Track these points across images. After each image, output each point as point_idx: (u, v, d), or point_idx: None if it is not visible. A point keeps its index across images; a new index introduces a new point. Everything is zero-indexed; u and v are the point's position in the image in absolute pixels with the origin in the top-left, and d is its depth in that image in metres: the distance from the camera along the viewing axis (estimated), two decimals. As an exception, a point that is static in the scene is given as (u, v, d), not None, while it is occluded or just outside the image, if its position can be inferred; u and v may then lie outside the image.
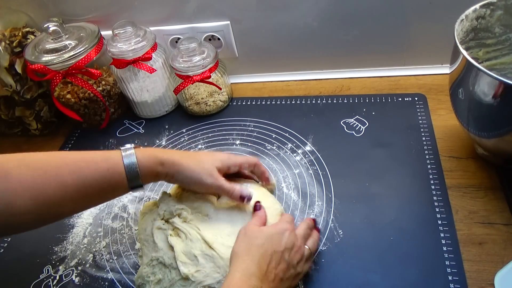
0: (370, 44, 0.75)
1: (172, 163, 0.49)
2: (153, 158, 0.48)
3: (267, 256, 0.43)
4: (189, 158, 0.50)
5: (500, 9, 0.54)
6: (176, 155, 0.50)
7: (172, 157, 0.49)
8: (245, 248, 0.44)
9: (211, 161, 0.51)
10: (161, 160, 0.48)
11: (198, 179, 0.50)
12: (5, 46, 0.72)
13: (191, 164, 0.50)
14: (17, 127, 0.81)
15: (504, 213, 0.53)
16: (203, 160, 0.51)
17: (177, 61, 0.71)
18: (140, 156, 0.47)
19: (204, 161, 0.51)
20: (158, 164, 0.48)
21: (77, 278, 0.56)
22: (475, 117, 0.52)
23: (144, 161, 0.47)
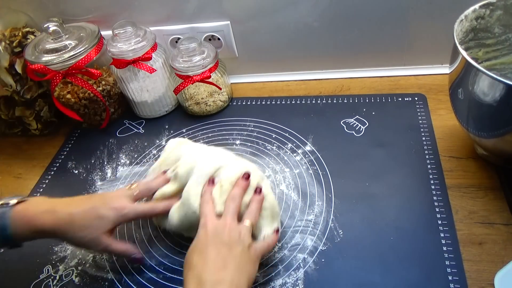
0: (370, 44, 0.75)
1: (56, 227, 0.47)
2: (28, 222, 0.47)
3: (208, 255, 0.43)
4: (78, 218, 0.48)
5: (500, 9, 0.54)
6: (65, 215, 0.47)
7: (59, 220, 0.47)
8: (200, 248, 0.44)
9: (99, 222, 0.48)
10: (42, 230, 0.47)
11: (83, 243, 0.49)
12: (5, 46, 0.72)
13: (76, 226, 0.47)
14: (17, 127, 0.81)
15: (504, 213, 0.53)
16: (94, 216, 0.48)
17: (177, 61, 0.71)
18: (15, 218, 0.46)
19: (95, 218, 0.48)
20: (33, 232, 0.47)
21: (77, 278, 0.56)
22: (474, 117, 0.52)
23: (17, 224, 0.46)
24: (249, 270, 0.43)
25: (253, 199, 0.50)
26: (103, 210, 0.48)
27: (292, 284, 0.50)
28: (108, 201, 0.50)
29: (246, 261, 0.43)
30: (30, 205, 0.48)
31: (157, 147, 0.73)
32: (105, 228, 0.48)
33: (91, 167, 0.72)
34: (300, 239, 0.55)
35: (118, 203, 0.50)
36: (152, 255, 0.57)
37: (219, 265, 0.41)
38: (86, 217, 0.48)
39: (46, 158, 0.77)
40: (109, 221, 0.48)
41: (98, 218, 0.48)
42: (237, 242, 0.44)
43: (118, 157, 0.73)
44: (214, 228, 0.45)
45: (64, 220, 0.47)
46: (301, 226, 0.56)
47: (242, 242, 0.44)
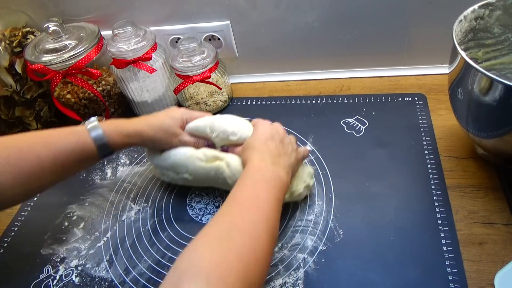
0: (370, 44, 0.75)
1: (137, 134, 0.55)
2: (119, 131, 0.54)
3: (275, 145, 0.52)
4: (152, 125, 0.56)
5: (499, 10, 0.54)
6: (140, 124, 0.56)
7: (136, 128, 0.55)
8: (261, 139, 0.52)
9: (173, 121, 0.58)
10: (127, 133, 0.54)
11: (164, 143, 0.58)
12: (5, 46, 0.72)
13: (155, 130, 0.56)
14: (17, 127, 0.81)
15: (504, 213, 0.53)
16: (165, 123, 0.57)
17: (177, 61, 0.71)
18: (106, 129, 0.52)
19: (166, 123, 0.57)
20: (125, 136, 0.54)
21: (77, 278, 0.56)
22: (474, 117, 0.52)
23: (111, 133, 0.53)
24: (294, 165, 0.53)
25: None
26: (171, 111, 0.59)
27: (292, 284, 0.50)
28: (174, 108, 0.61)
29: (293, 158, 0.53)
30: (111, 120, 0.55)
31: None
32: (176, 122, 0.58)
33: (91, 167, 0.72)
34: (300, 239, 0.55)
35: (181, 108, 0.60)
36: (150, 254, 0.57)
37: (276, 154, 0.50)
38: (160, 119, 0.57)
39: (46, 158, 0.77)
40: (178, 118, 0.58)
41: (169, 118, 0.58)
42: (288, 143, 0.54)
43: (118, 157, 0.73)
44: (272, 127, 0.54)
45: (144, 125, 0.56)
46: (301, 226, 0.56)
47: (291, 144, 0.54)
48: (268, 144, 0.51)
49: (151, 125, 0.56)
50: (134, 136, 0.55)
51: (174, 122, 0.57)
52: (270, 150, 0.50)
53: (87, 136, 0.51)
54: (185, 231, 0.59)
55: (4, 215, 0.67)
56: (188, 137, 0.58)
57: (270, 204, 0.43)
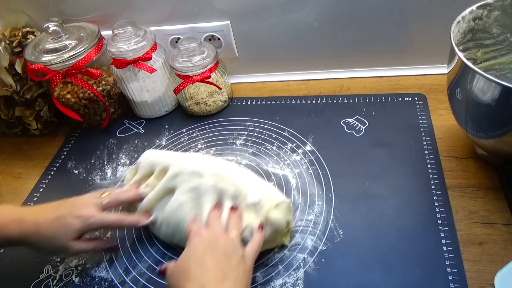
0: (370, 44, 0.75)
1: (24, 237, 0.48)
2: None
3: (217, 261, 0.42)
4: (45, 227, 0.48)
5: (497, 10, 0.54)
6: (32, 225, 0.48)
7: (27, 229, 0.48)
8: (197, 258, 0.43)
9: (63, 232, 0.49)
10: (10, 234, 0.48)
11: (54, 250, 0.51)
12: (5, 46, 0.72)
13: (44, 235, 0.48)
14: (17, 127, 0.81)
15: (504, 213, 0.53)
16: (54, 236, 0.49)
17: (177, 61, 0.71)
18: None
19: (56, 236, 0.49)
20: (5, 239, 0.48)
21: (77, 278, 0.56)
22: (472, 117, 0.52)
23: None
24: (246, 280, 0.43)
25: (231, 216, 0.50)
26: (69, 219, 0.49)
27: (292, 284, 0.50)
28: (76, 210, 0.50)
29: (243, 271, 0.43)
30: (12, 209, 0.50)
31: (157, 147, 0.73)
32: (71, 236, 0.49)
33: (91, 167, 0.72)
34: (300, 239, 0.55)
35: (85, 211, 0.50)
36: (150, 254, 0.57)
37: (220, 276, 0.40)
38: (52, 227, 0.48)
39: (46, 158, 0.77)
40: (75, 230, 0.49)
41: (64, 227, 0.48)
42: (232, 251, 0.44)
43: (118, 157, 0.73)
44: (209, 236, 0.45)
45: (31, 231, 0.48)
46: (301, 226, 0.56)
47: (236, 251, 0.44)
48: (206, 263, 0.41)
49: (39, 232, 0.48)
50: (16, 240, 0.48)
51: (69, 234, 0.49)
52: (212, 273, 0.40)
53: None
54: (185, 231, 0.59)
55: (4, 215, 0.68)
56: (83, 246, 0.51)
57: None
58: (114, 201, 0.54)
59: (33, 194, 0.70)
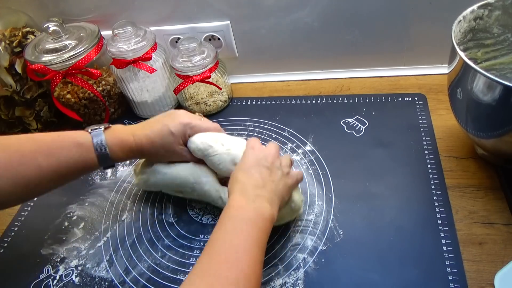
0: (370, 44, 0.75)
1: (138, 150, 0.55)
2: (123, 146, 0.53)
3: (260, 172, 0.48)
4: (153, 142, 0.55)
5: (498, 10, 0.54)
6: (142, 139, 0.54)
7: (138, 143, 0.54)
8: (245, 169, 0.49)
9: (173, 138, 0.55)
10: (129, 148, 0.54)
11: (164, 159, 0.58)
12: (5, 46, 0.72)
13: (157, 147, 0.55)
14: (17, 127, 0.81)
15: (504, 213, 0.53)
16: (166, 141, 0.55)
17: (177, 61, 0.71)
18: (110, 144, 0.52)
19: (167, 141, 0.55)
20: (127, 151, 0.54)
21: (77, 278, 0.56)
22: (473, 117, 0.52)
23: (114, 147, 0.53)
24: (283, 193, 0.49)
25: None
26: (174, 127, 0.55)
27: (292, 284, 0.50)
28: (177, 117, 0.56)
29: (283, 185, 0.49)
30: (116, 129, 0.55)
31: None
32: (177, 140, 0.55)
33: (91, 167, 0.72)
34: (300, 239, 0.55)
35: (185, 118, 0.56)
36: (150, 254, 0.57)
37: (260, 184, 0.47)
38: (160, 135, 0.55)
39: (46, 158, 0.77)
40: (180, 135, 0.55)
41: (171, 134, 0.55)
42: (277, 168, 0.50)
43: (118, 157, 0.73)
44: (259, 152, 0.51)
45: (142, 142, 0.54)
46: (301, 226, 0.56)
47: (281, 169, 0.50)
48: (252, 172, 0.48)
49: (152, 142, 0.55)
50: (136, 151, 0.55)
51: (175, 139, 0.56)
52: (254, 180, 0.47)
53: (92, 151, 0.51)
54: (185, 230, 0.59)
55: (4, 215, 0.67)
56: (189, 156, 0.57)
57: (251, 254, 0.41)
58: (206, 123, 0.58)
59: (33, 194, 0.70)
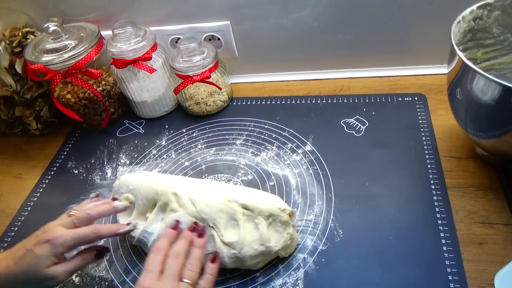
0: (370, 44, 0.75)
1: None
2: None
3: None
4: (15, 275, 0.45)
5: (497, 10, 0.54)
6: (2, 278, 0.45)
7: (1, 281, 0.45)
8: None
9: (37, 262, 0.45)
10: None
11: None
12: (5, 46, 0.72)
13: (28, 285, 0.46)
14: (17, 127, 0.81)
15: (504, 213, 0.53)
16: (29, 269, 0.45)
17: (177, 61, 0.71)
18: None
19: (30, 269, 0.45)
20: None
21: (77, 278, 0.56)
22: (472, 117, 0.52)
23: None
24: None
25: (207, 269, 0.47)
26: (38, 249, 0.45)
27: (292, 284, 0.50)
28: (43, 236, 0.46)
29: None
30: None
31: (157, 147, 0.73)
32: (46, 264, 0.45)
33: (91, 167, 0.72)
34: (300, 239, 0.55)
35: (52, 234, 0.46)
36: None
37: None
38: (24, 263, 0.45)
39: (46, 158, 0.77)
40: (47, 256, 0.45)
41: (35, 258, 0.45)
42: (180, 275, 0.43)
43: (118, 157, 0.73)
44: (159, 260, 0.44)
45: (6, 275, 0.46)
46: (301, 226, 0.56)
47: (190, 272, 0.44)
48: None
49: (13, 275, 0.45)
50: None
51: (40, 264, 0.45)
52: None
53: None
54: (185, 231, 0.59)
55: (4, 215, 0.68)
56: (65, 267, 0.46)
57: None
58: (85, 217, 0.49)
59: (33, 194, 0.70)
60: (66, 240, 0.46)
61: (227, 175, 0.65)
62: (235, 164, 0.67)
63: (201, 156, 0.70)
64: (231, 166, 0.67)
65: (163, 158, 0.71)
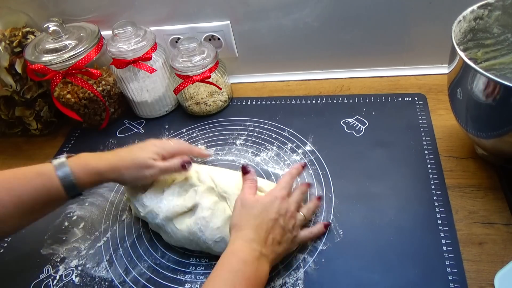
0: (370, 44, 0.75)
1: (109, 171, 0.51)
2: (89, 169, 0.50)
3: (264, 224, 0.47)
4: (125, 160, 0.53)
5: (498, 10, 0.54)
6: (111, 160, 0.52)
7: (108, 165, 0.51)
8: (243, 219, 0.48)
9: (145, 153, 0.54)
10: (97, 171, 0.51)
11: (139, 177, 0.53)
12: (5, 46, 0.72)
13: (128, 165, 0.52)
14: (17, 127, 0.81)
15: (504, 213, 0.53)
16: (137, 157, 0.53)
17: (177, 61, 0.71)
18: (74, 168, 0.49)
19: (139, 157, 0.53)
20: (94, 174, 0.51)
21: (77, 278, 0.56)
22: (473, 117, 0.52)
23: (80, 173, 0.50)
24: (283, 254, 0.49)
25: (313, 200, 0.56)
26: (144, 146, 0.55)
27: (292, 284, 0.50)
28: (149, 143, 0.56)
29: (287, 243, 0.49)
30: (81, 155, 0.52)
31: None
32: (149, 155, 0.53)
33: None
34: (300, 239, 0.55)
35: (157, 143, 0.57)
36: (150, 254, 0.57)
37: (268, 241, 0.46)
38: (133, 151, 0.54)
39: (46, 158, 0.77)
40: (152, 151, 0.54)
41: (142, 150, 0.54)
42: (289, 231, 0.49)
43: (118, 157, 0.73)
44: (280, 206, 0.49)
45: (115, 159, 0.52)
46: (301, 226, 0.56)
47: (291, 232, 0.49)
48: (262, 226, 0.47)
49: (122, 160, 0.52)
50: (104, 173, 0.51)
51: (147, 155, 0.53)
52: (263, 235, 0.46)
53: (54, 177, 0.48)
54: (185, 231, 0.59)
55: (4, 215, 0.67)
56: (161, 164, 0.54)
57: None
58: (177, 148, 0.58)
59: (33, 194, 0.70)
60: (169, 146, 0.57)
61: (227, 175, 0.65)
62: (235, 164, 0.67)
63: (201, 156, 0.70)
64: (231, 166, 0.67)
65: (163, 158, 0.71)
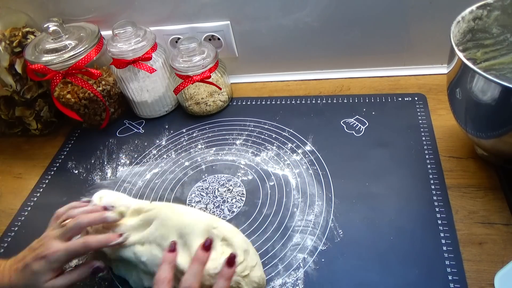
0: (370, 44, 0.75)
1: None
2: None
3: None
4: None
5: (497, 10, 0.54)
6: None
7: None
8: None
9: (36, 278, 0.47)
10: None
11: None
12: (5, 46, 0.72)
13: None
14: (17, 127, 0.81)
15: (504, 213, 0.53)
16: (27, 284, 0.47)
17: (177, 61, 0.71)
18: None
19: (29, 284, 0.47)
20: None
21: (77, 278, 0.56)
22: (472, 117, 0.52)
23: None
24: None
25: (222, 273, 0.44)
26: (35, 266, 0.47)
27: (292, 284, 0.50)
28: (39, 251, 0.47)
29: None
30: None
31: (157, 147, 0.73)
32: (44, 279, 0.47)
33: (91, 167, 0.72)
34: (300, 239, 0.55)
35: (48, 249, 0.47)
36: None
37: None
38: (23, 278, 0.47)
39: (46, 158, 0.77)
40: (44, 272, 0.47)
41: (33, 274, 0.46)
42: None
43: (118, 157, 0.73)
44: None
45: (9, 284, 0.47)
46: (301, 226, 0.56)
47: None
48: None
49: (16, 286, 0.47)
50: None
51: (39, 280, 0.46)
52: None
53: None
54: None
55: (4, 215, 0.68)
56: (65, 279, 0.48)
57: None
58: (76, 228, 0.49)
59: (33, 194, 0.70)
60: (60, 256, 0.47)
61: (227, 175, 0.65)
62: (235, 164, 0.67)
63: (201, 156, 0.70)
64: (231, 166, 0.67)
65: (163, 158, 0.71)
